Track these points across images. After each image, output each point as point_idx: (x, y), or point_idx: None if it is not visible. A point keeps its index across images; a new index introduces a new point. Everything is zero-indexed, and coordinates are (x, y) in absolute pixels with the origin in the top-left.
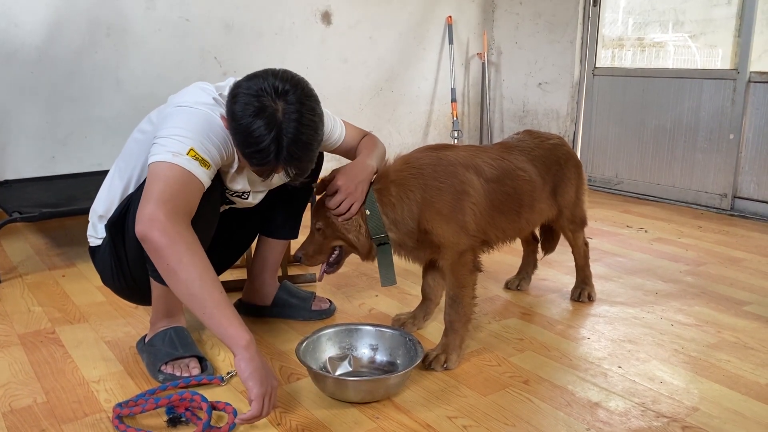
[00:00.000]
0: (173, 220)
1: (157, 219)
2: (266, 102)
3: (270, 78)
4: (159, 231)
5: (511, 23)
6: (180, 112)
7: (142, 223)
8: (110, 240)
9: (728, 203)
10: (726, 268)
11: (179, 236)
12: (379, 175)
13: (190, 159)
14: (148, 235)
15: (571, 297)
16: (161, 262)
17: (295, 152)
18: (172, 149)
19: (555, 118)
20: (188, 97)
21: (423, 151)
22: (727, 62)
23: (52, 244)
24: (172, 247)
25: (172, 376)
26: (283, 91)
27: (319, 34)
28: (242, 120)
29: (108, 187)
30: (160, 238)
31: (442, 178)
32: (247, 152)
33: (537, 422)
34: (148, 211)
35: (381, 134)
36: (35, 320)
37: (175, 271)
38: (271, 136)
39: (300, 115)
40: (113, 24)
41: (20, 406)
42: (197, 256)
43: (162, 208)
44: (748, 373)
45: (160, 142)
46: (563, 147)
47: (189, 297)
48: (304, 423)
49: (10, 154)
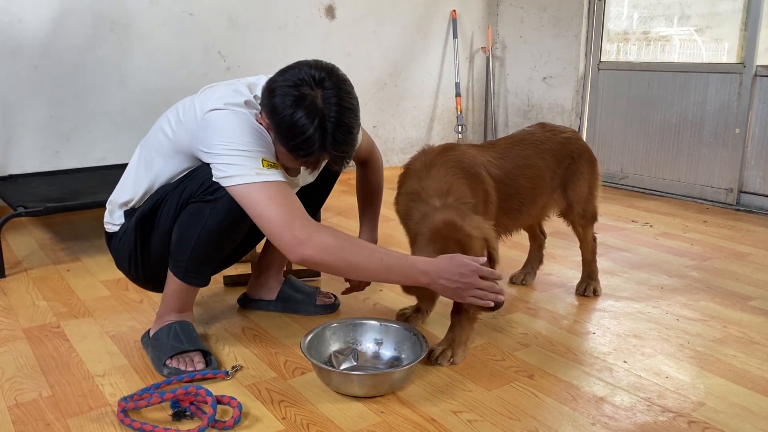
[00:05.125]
0: (309, 230)
1: (300, 242)
2: (305, 91)
3: (305, 68)
4: (309, 249)
5: (516, 17)
6: (220, 121)
7: (293, 252)
8: (136, 231)
9: (734, 198)
10: (732, 262)
11: (324, 239)
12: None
13: (269, 169)
14: (306, 258)
15: (577, 292)
16: (329, 269)
17: (339, 137)
18: (251, 167)
19: (560, 112)
20: (218, 100)
21: (439, 154)
22: (733, 56)
23: (56, 238)
24: (330, 253)
25: (177, 371)
26: (319, 78)
27: (323, 29)
28: (284, 112)
29: (133, 178)
30: (314, 253)
31: (472, 179)
32: (292, 144)
33: (542, 417)
34: (288, 240)
35: (385, 129)
36: (40, 314)
37: (347, 267)
38: (314, 125)
39: (339, 99)
40: (117, 19)
41: (25, 399)
42: (345, 240)
43: (294, 229)
44: (754, 368)
45: (228, 161)
46: (577, 141)
47: (366, 273)
48: (309, 417)
49: (15, 148)
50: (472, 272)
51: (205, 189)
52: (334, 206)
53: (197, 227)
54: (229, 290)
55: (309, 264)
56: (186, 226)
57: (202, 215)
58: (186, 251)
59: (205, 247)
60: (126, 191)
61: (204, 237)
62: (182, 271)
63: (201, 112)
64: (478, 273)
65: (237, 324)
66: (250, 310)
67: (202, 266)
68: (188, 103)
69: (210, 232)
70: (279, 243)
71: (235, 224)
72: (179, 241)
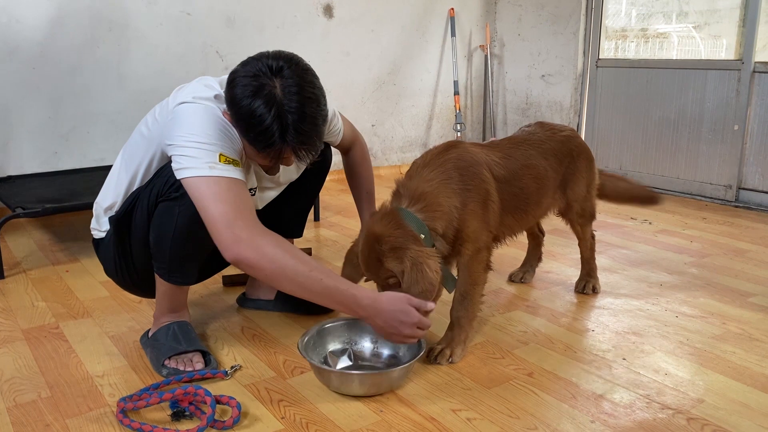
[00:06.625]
0: (251, 231)
1: (239, 240)
2: (263, 81)
3: (264, 59)
4: (246, 250)
5: (514, 15)
6: (185, 113)
7: (229, 251)
8: (115, 235)
9: (733, 194)
10: (731, 259)
11: (264, 244)
12: (415, 194)
13: (225, 165)
14: (240, 258)
15: (576, 289)
16: (261, 274)
17: (300, 128)
18: (205, 160)
19: (558, 110)
20: (188, 94)
21: (439, 154)
22: (732, 53)
23: (55, 239)
24: (267, 259)
25: (176, 371)
26: (277, 68)
27: (321, 28)
28: (242, 102)
29: (115, 181)
30: (250, 255)
31: (469, 179)
32: (251, 136)
33: (541, 414)
34: (226, 237)
35: (384, 128)
36: (39, 315)
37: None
38: (272, 114)
39: (300, 88)
40: (115, 19)
41: (25, 400)
42: (287, 251)
43: (235, 227)
44: (753, 364)
45: (185, 152)
46: (576, 139)
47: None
48: (308, 416)
49: (13, 149)
50: (412, 324)
51: (170, 186)
52: (333, 205)
53: (170, 226)
54: (228, 290)
55: (243, 266)
56: (159, 227)
57: (173, 213)
58: (165, 252)
59: (182, 244)
60: (109, 195)
61: (179, 235)
62: (166, 272)
63: (172, 107)
64: (417, 325)
65: (236, 324)
66: (248, 309)
67: (184, 264)
68: (164, 102)
69: (183, 229)
70: (217, 240)
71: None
72: (156, 242)
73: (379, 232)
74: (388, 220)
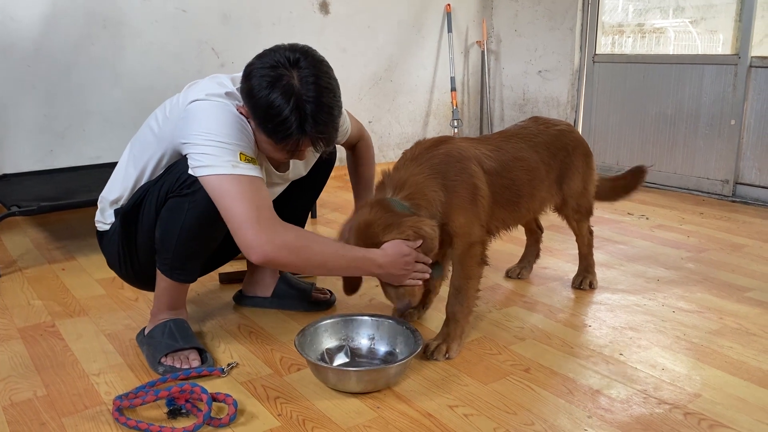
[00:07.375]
0: (274, 230)
1: (265, 241)
2: (281, 72)
3: (281, 51)
4: (276, 249)
5: (511, 11)
6: (200, 111)
7: (256, 253)
8: (121, 228)
9: (730, 189)
10: (728, 254)
11: (289, 240)
12: (399, 183)
13: (246, 163)
14: (270, 259)
15: (573, 285)
16: (293, 267)
17: (318, 117)
18: (227, 158)
19: (555, 105)
20: (200, 91)
21: (429, 148)
22: (728, 47)
23: (51, 237)
24: (293, 253)
25: (172, 368)
26: (294, 60)
27: (317, 24)
28: (260, 94)
29: (122, 175)
30: (279, 254)
31: (456, 175)
32: (269, 127)
33: (538, 410)
34: (252, 238)
35: (381, 124)
36: (35, 314)
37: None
38: (291, 105)
39: (316, 78)
40: (110, 16)
41: (20, 399)
42: (309, 239)
43: (259, 227)
44: (750, 359)
45: (204, 150)
46: (571, 134)
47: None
48: (305, 413)
49: (9, 148)
50: (413, 260)
51: (182, 183)
52: (331, 202)
53: (178, 223)
54: (225, 287)
55: (271, 264)
56: (167, 223)
57: (182, 210)
58: (170, 248)
59: (188, 242)
60: (115, 189)
61: (185, 232)
62: (168, 269)
63: (184, 105)
64: (416, 259)
65: (232, 321)
66: (245, 307)
67: (188, 262)
68: (175, 99)
69: (191, 226)
70: (241, 239)
71: (216, 217)
72: (162, 238)
73: (371, 219)
74: (377, 209)
